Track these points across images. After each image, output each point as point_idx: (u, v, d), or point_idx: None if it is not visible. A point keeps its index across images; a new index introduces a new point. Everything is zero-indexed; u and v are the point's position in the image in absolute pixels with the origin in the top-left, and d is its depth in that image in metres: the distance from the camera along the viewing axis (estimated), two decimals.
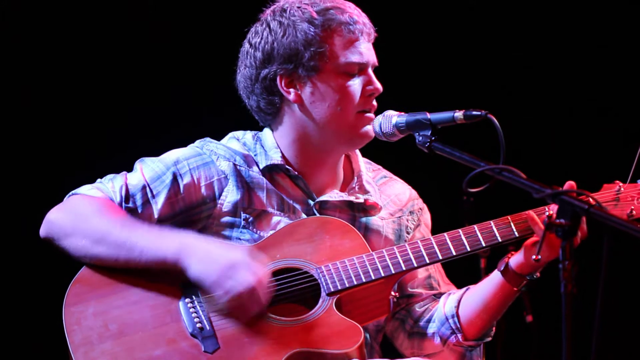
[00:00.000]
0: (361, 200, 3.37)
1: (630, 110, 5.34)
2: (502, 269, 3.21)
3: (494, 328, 3.37)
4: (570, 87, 5.45)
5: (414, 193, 3.53)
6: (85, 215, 3.15)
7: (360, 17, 3.31)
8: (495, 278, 3.23)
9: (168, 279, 3.12)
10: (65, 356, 3.07)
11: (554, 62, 5.46)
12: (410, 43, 5.40)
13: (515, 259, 3.19)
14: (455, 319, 3.31)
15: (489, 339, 3.37)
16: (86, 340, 3.03)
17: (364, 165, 3.47)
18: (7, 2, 4.71)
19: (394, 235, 3.42)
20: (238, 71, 3.39)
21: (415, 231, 3.47)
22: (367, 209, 3.39)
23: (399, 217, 3.45)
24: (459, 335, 3.31)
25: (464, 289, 3.37)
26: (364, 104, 3.29)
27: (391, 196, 3.47)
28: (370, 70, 3.31)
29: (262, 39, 3.31)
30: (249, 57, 3.34)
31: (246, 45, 3.37)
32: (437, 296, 3.44)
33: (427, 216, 3.54)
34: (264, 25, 3.33)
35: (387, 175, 3.53)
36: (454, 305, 3.32)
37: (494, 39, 5.43)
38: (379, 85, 3.31)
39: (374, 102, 3.32)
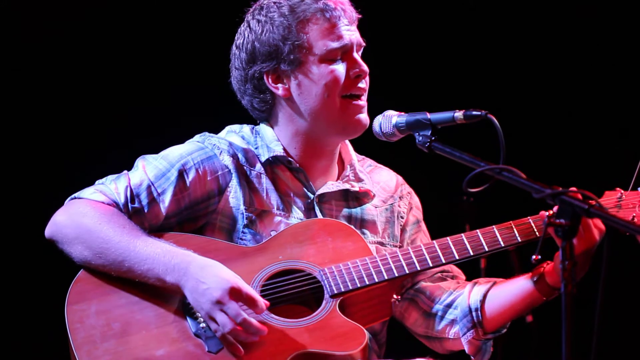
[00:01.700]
0: (356, 189, 3.38)
1: (632, 116, 5.33)
2: (535, 279, 3.18)
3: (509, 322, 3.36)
4: (570, 89, 5.45)
5: (400, 178, 3.54)
6: (87, 226, 3.13)
7: (337, 2, 3.28)
8: (526, 285, 3.21)
9: None
10: (67, 355, 3.07)
11: (555, 64, 5.46)
12: (411, 43, 5.40)
13: (550, 273, 3.16)
14: (479, 312, 3.29)
15: (505, 330, 3.35)
16: (89, 338, 3.02)
17: (354, 154, 3.48)
18: (7, 2, 4.71)
19: (389, 222, 3.43)
20: (231, 74, 3.40)
21: (408, 215, 3.48)
22: (360, 196, 3.40)
23: (391, 204, 3.45)
24: (480, 330, 3.30)
25: (490, 282, 3.33)
26: (350, 86, 3.27)
27: (380, 183, 3.48)
28: (355, 53, 3.29)
29: (244, 39, 3.33)
30: (236, 59, 3.36)
31: (233, 47, 3.38)
32: (442, 273, 3.42)
33: (416, 199, 3.55)
34: (245, 26, 3.35)
35: (372, 163, 3.54)
36: (479, 299, 3.29)
37: (494, 39, 5.43)
38: (364, 66, 3.29)
39: (362, 85, 3.29)
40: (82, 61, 4.87)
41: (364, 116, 3.29)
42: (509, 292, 3.27)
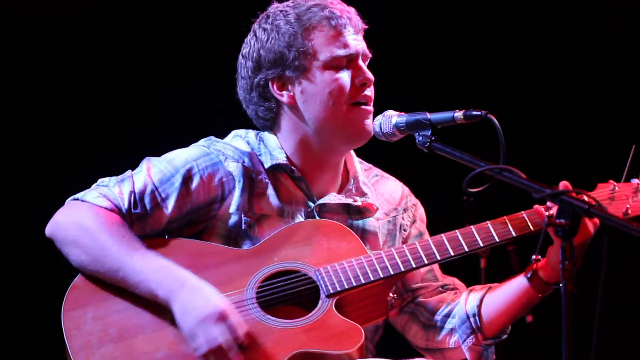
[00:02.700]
0: (358, 203, 3.37)
1: (624, 110, 5.34)
2: (529, 276, 3.19)
3: (509, 326, 3.35)
4: (569, 88, 5.46)
5: (407, 189, 3.53)
6: (88, 232, 3.13)
7: (343, 11, 3.29)
8: (521, 283, 3.21)
9: None
10: None
11: (554, 63, 5.47)
12: (411, 43, 5.40)
13: (543, 268, 3.16)
14: (477, 318, 3.29)
15: (505, 336, 3.35)
16: (86, 344, 3.02)
17: (359, 166, 3.47)
18: (6, 2, 4.71)
19: (390, 235, 3.42)
20: (237, 83, 3.41)
21: (411, 227, 3.48)
22: (362, 211, 3.39)
23: (394, 216, 3.45)
24: (479, 335, 3.30)
25: (486, 287, 3.35)
26: (356, 95, 3.27)
27: (385, 194, 3.47)
28: (360, 62, 3.29)
29: (250, 47, 3.34)
30: (242, 68, 3.37)
31: (240, 57, 3.39)
32: (444, 287, 3.43)
33: (421, 211, 3.54)
34: (252, 35, 3.36)
35: (378, 173, 3.53)
36: (476, 305, 3.30)
37: (494, 39, 5.44)
38: (369, 75, 3.29)
39: (368, 93, 3.29)
40: (82, 61, 4.87)
41: (369, 122, 3.27)
42: (504, 293, 3.26)
